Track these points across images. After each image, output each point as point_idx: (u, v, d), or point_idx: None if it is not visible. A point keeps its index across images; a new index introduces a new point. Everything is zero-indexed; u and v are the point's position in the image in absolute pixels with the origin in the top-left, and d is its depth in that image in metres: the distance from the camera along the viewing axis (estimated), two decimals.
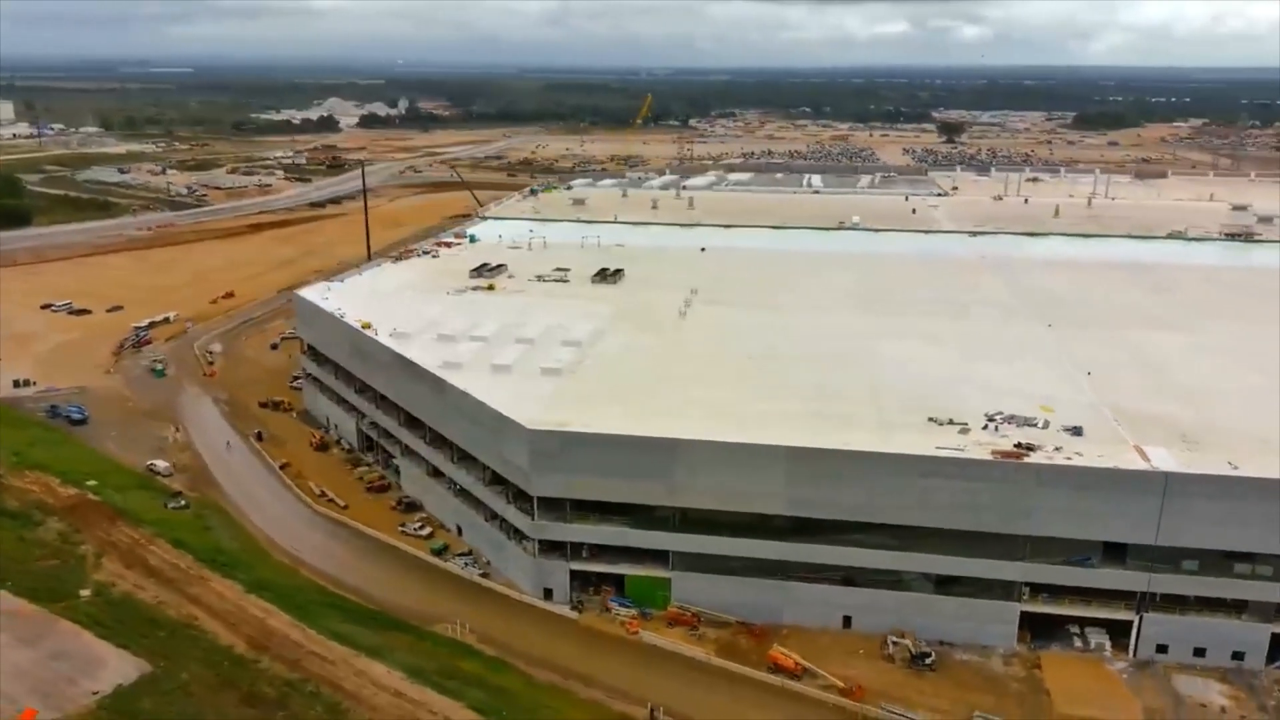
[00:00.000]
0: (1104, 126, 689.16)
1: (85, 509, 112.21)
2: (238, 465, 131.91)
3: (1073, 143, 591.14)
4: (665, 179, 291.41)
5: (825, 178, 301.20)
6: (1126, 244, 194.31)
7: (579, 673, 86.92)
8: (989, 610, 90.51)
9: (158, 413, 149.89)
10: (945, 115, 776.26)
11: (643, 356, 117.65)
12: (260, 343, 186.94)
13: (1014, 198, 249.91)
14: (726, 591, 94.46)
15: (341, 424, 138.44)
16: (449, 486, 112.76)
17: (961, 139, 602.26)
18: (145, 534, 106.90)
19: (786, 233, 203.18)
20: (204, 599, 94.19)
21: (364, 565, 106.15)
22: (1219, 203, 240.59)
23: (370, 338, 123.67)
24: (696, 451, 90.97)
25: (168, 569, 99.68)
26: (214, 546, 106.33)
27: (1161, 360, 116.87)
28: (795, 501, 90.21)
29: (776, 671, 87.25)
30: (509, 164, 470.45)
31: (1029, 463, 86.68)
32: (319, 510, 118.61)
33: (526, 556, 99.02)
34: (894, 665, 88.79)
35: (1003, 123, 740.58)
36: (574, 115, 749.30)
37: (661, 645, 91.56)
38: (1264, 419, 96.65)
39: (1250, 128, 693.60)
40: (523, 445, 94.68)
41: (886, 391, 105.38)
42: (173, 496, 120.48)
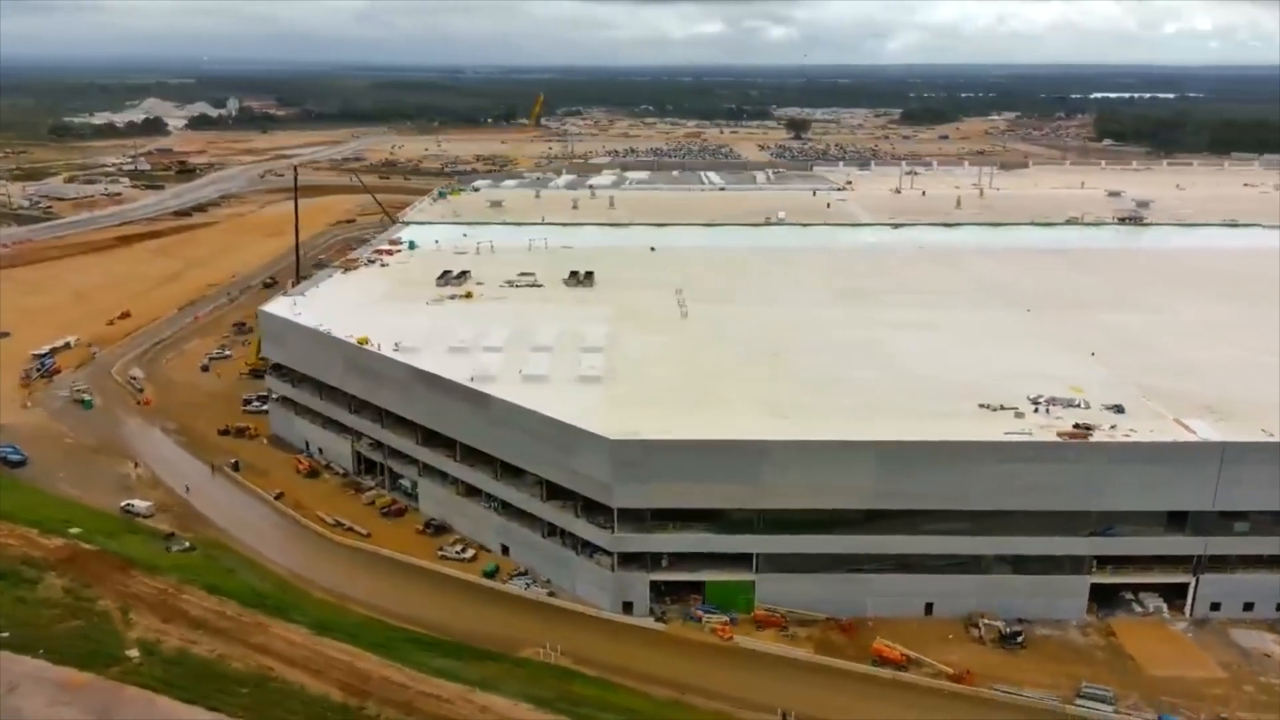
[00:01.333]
0: (928, 121, 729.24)
1: (85, 560, 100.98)
2: (225, 499, 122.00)
3: (907, 137, 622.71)
4: (566, 178, 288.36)
5: (722, 175, 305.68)
6: (1038, 231, 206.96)
7: (692, 685, 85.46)
8: (1062, 585, 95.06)
9: (105, 448, 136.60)
10: (785, 112, 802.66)
11: (669, 358, 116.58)
12: (185, 365, 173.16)
13: (910, 190, 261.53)
14: (810, 589, 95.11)
15: (329, 447, 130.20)
16: (489, 505, 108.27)
17: (808, 135, 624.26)
18: (169, 582, 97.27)
19: (722, 230, 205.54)
20: (272, 647, 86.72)
21: (415, 595, 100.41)
22: (1092, 190, 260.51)
23: (377, 354, 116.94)
24: (785, 452, 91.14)
25: (213, 618, 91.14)
26: (250, 589, 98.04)
27: (1146, 339, 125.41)
28: (882, 494, 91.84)
29: (882, 664, 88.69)
30: (373, 166, 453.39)
31: (1102, 441, 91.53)
32: (341, 541, 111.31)
33: (602, 570, 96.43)
34: (985, 646, 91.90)
35: (837, 119, 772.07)
36: (418, 114, 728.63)
37: (759, 649, 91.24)
38: (1265, 389, 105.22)
39: (1058, 119, 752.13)
40: (603, 456, 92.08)
41: (922, 381, 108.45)
42: (167, 538, 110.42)
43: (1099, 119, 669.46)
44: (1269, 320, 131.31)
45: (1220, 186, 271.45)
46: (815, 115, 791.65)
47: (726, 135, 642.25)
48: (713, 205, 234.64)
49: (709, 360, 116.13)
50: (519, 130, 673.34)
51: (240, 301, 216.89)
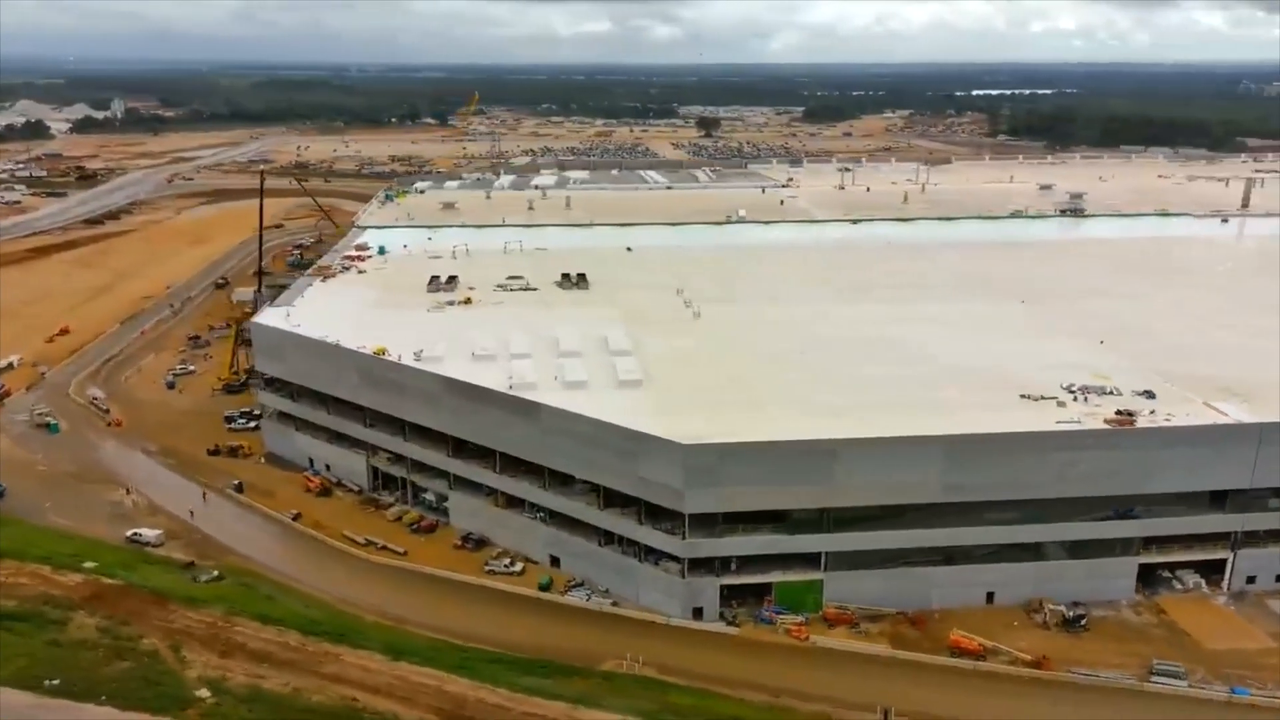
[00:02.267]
0: (828, 119, 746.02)
1: (113, 596, 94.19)
2: (236, 524, 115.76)
3: (813, 135, 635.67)
4: (508, 179, 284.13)
5: (662, 173, 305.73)
6: (989, 224, 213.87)
7: (782, 688, 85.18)
8: (1113, 567, 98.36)
9: (86, 475, 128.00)
10: (690, 110, 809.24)
11: (699, 360, 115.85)
12: (146, 382, 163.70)
13: (853, 187, 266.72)
14: (877, 584, 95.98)
15: (339, 463, 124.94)
16: (534, 515, 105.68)
17: (718, 133, 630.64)
18: (214, 614, 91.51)
19: (694, 229, 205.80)
20: (349, 676, 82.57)
21: (473, 612, 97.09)
22: (1022, 184, 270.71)
23: (403, 366, 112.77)
24: (856, 450, 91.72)
25: (277, 650, 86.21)
26: (302, 617, 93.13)
27: (1140, 326, 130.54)
28: (948, 487, 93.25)
29: (960, 654, 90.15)
30: (284, 168, 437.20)
31: (1152, 427, 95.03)
32: (378, 561, 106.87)
33: (670, 577, 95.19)
34: (1049, 631, 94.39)
35: (741, 118, 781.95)
36: (315, 114, 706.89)
37: (837, 647, 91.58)
38: (1269, 370, 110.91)
39: (949, 116, 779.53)
40: (675, 462, 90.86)
41: (954, 374, 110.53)
42: (186, 568, 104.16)
43: (992, 116, 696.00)
44: (1245, 304, 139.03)
45: (1137, 179, 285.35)
46: (719, 113, 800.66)
47: (636, 134, 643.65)
48: (669, 204, 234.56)
49: (739, 361, 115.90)
50: (425, 130, 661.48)
51: (185, 314, 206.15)
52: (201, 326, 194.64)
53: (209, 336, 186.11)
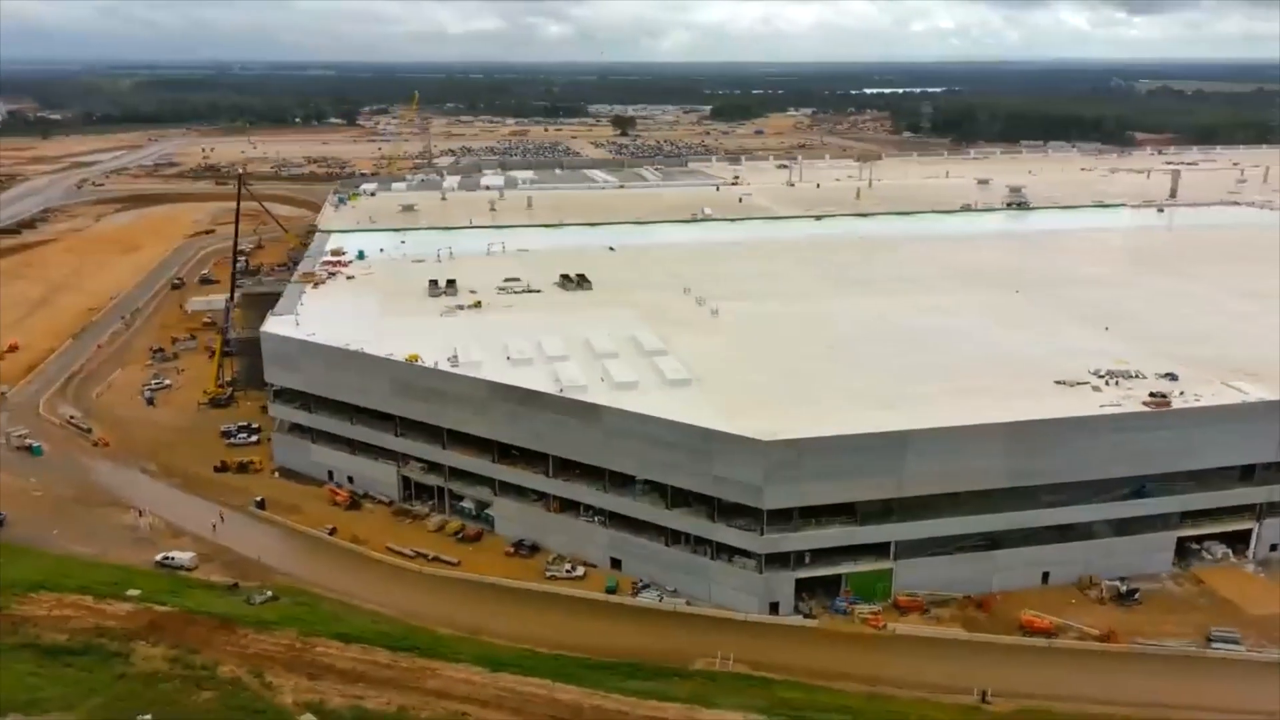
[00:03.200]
0: (737, 117, 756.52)
1: (172, 624, 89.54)
2: (268, 541, 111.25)
3: (726, 133, 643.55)
4: (455, 179, 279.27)
5: (607, 172, 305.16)
6: (945, 218, 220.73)
7: (877, 676, 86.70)
8: (1155, 542, 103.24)
9: (88, 498, 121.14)
10: (597, 109, 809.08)
11: (736, 358, 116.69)
12: (121, 399, 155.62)
13: (802, 184, 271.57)
14: (942, 570, 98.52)
15: (363, 474, 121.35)
16: (592, 518, 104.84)
17: (634, 132, 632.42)
18: (288, 636, 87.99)
19: (667, 227, 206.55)
20: (454, 691, 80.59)
21: (545, 619, 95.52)
22: (959, 178, 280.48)
23: (445, 372, 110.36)
24: (926, 440, 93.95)
25: (369, 668, 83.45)
26: (380, 634, 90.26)
27: (1134, 312, 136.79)
28: (1011, 472, 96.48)
29: (1032, 633, 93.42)
30: (195, 171, 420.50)
31: (1191, 407, 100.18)
32: (432, 573, 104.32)
33: (747, 573, 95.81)
34: (1104, 606, 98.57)
35: (651, 116, 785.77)
36: (212, 115, 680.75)
37: (915, 633, 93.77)
38: (1267, 349, 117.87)
39: (851, 113, 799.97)
40: (756, 459, 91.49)
41: (985, 363, 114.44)
42: (231, 590, 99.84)
43: (895, 113, 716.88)
44: (1222, 289, 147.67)
45: (1063, 172, 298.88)
46: (628, 112, 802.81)
47: (551, 133, 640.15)
48: (631, 203, 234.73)
49: (775, 358, 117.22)
50: (333, 130, 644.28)
51: (139, 326, 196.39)
52: (161, 338, 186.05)
53: (175, 349, 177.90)
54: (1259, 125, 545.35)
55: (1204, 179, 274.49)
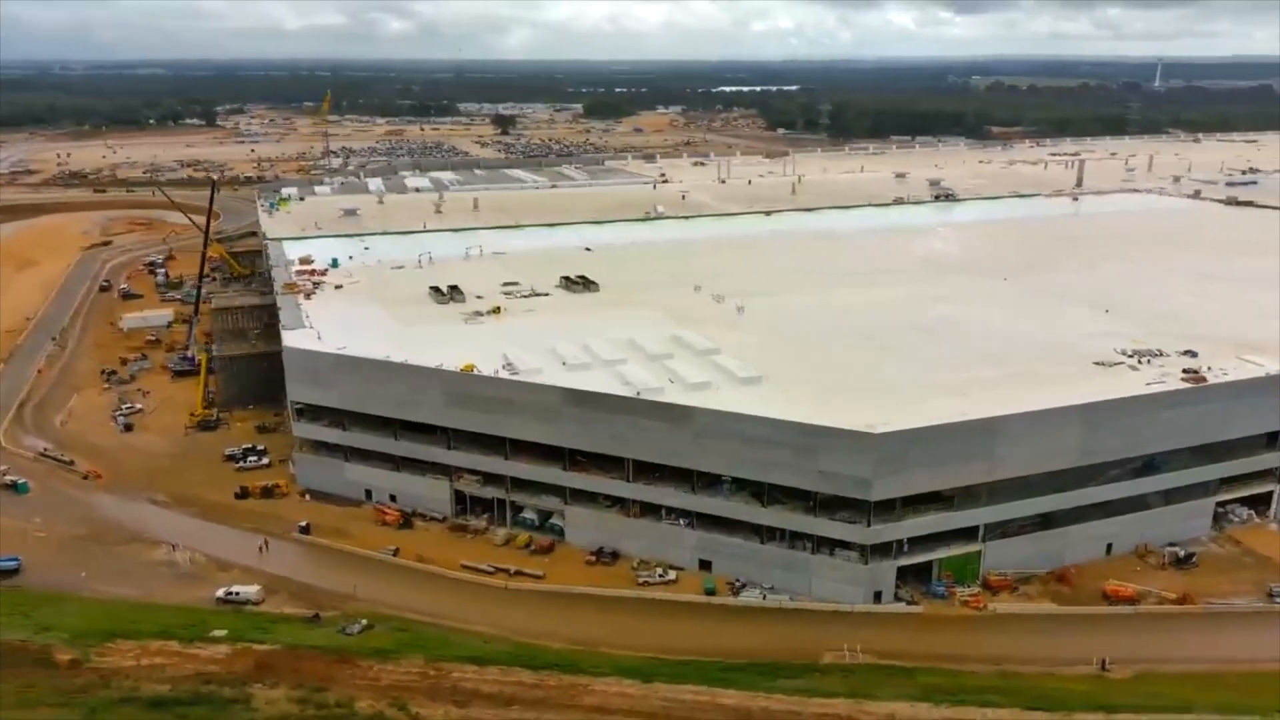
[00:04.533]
0: (609, 115, 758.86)
1: (282, 662, 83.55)
2: (328, 569, 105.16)
3: (606, 131, 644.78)
4: (377, 182, 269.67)
5: (529, 172, 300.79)
6: (885, 211, 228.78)
7: (1000, 655, 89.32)
8: (1197, 509, 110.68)
9: (103, 536, 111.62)
10: (468, 107, 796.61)
11: (789, 352, 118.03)
12: (91, 427, 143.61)
13: (733, 180, 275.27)
14: (1023, 549, 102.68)
15: (408, 491, 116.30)
16: (677, 521, 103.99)
17: (516, 130, 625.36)
18: (417, 665, 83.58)
19: (628, 225, 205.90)
20: (613, 706, 78.54)
21: (656, 626, 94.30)
22: (873, 172, 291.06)
23: (512, 381, 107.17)
24: (1013, 425, 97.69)
25: (516, 690, 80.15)
26: (510, 654, 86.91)
27: (1117, 293, 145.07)
28: (1085, 451, 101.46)
29: (1116, 601, 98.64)
30: (60, 178, 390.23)
31: (1230, 381, 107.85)
32: (519, 587, 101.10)
33: (851, 565, 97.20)
34: (1166, 572, 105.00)
35: (524, 115, 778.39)
36: (52, 117, 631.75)
37: (1014, 611, 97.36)
38: (1257, 325, 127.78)
39: (719, 111, 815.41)
40: (865, 452, 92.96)
41: (1020, 347, 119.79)
42: (311, 621, 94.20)
43: (765, 111, 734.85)
44: (1174, 270, 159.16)
45: (965, 165, 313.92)
46: (498, 110, 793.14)
47: (428, 132, 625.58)
48: (580, 202, 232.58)
49: (823, 351, 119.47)
50: (193, 131, 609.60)
51: (75, 348, 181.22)
52: (107, 359, 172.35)
53: (129, 370, 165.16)
54: (1104, 119, 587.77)
55: (1094, 168, 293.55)
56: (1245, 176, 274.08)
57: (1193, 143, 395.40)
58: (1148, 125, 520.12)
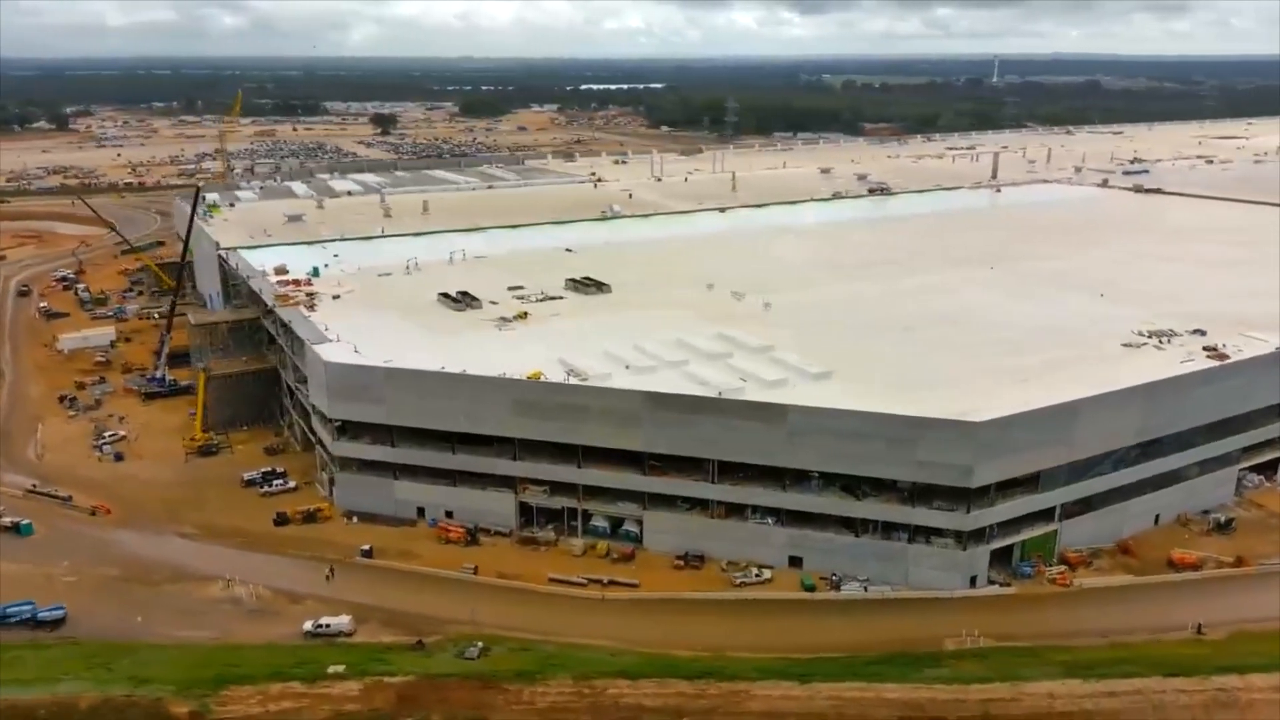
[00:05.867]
0: (487, 114, 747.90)
1: (423, 693, 79.34)
2: (408, 593, 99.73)
3: (490, 130, 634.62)
4: (298, 185, 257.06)
5: (451, 171, 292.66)
6: (829, 205, 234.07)
7: (1103, 628, 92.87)
8: (1225, 476, 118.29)
9: (143, 575, 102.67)
10: (335, 106, 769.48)
11: (840, 347, 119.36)
12: (71, 458, 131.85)
13: (669, 179, 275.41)
14: (1089, 525, 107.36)
15: (466, 506, 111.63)
16: (764, 520, 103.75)
17: (396, 129, 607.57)
18: (563, 683, 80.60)
19: (585, 225, 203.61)
20: (784, 709, 78.05)
21: (770, 625, 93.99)
22: (801, 168, 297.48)
23: (588, 387, 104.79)
24: (1090, 408, 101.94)
25: (679, 701, 78.63)
26: (652, 665, 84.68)
27: (1100, 277, 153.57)
28: (1143, 429, 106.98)
29: (1181, 568, 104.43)
30: None
31: (1255, 356, 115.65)
32: (617, 597, 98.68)
33: (949, 552, 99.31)
34: (1210, 537, 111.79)
35: (400, 114, 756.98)
36: None
37: (1098, 585, 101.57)
38: (1245, 305, 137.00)
39: (594, 109, 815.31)
40: (967, 440, 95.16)
41: (1046, 333, 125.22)
42: (416, 648, 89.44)
43: (647, 107, 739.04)
44: (1136, 254, 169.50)
45: (876, 160, 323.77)
46: (368, 109, 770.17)
47: (302, 132, 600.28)
48: (532, 203, 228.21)
49: (867, 344, 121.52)
50: (40, 135, 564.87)
51: (15, 375, 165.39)
52: (56, 384, 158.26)
53: (93, 395, 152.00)
54: (968, 114, 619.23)
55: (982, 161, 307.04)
56: (1137, 166, 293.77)
57: (1066, 135, 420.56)
58: (1010, 120, 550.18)
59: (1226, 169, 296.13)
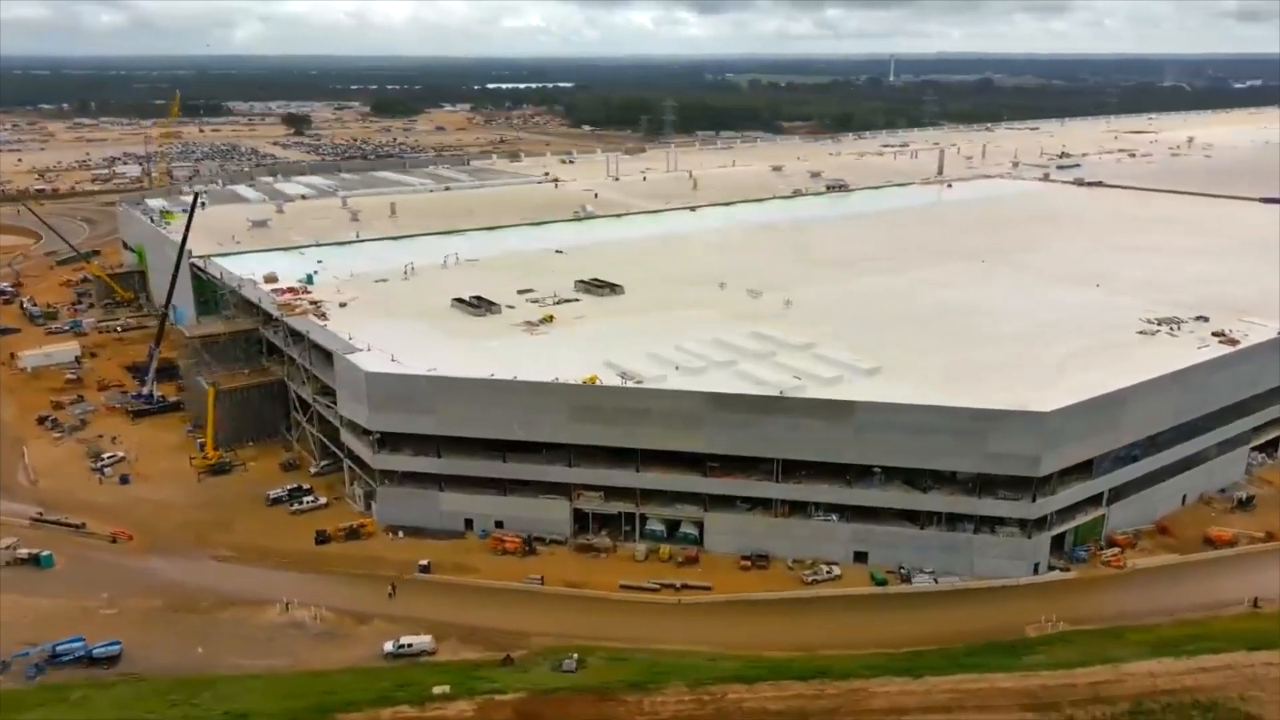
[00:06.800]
0: (399, 113, 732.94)
1: (546, 709, 77.05)
2: (474, 608, 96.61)
3: (407, 130, 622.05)
4: (248, 189, 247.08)
5: (398, 172, 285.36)
6: (792, 202, 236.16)
7: (1171, 607, 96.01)
8: (1238, 455, 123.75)
9: (189, 604, 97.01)
10: (236, 105, 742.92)
11: (870, 340, 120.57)
12: (71, 482, 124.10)
13: (627, 177, 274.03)
14: (1129, 508, 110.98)
15: (517, 515, 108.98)
16: (829, 516, 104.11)
17: (313, 130, 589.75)
18: (677, 692, 79.22)
19: (560, 226, 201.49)
20: (906, 705, 78.16)
21: (853, 622, 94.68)
22: (746, 166, 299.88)
23: (650, 390, 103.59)
24: (1139, 394, 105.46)
25: (805, 704, 77.90)
26: (759, 668, 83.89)
27: (1095, 271, 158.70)
28: (1180, 411, 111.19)
29: (1218, 545, 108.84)
30: None
31: (1265, 341, 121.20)
32: (694, 601, 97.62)
33: (1014, 540, 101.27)
34: (1233, 514, 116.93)
35: (307, 114, 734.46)
36: None
37: (1148, 565, 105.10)
38: (1235, 289, 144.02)
39: (509, 108, 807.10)
40: (1034, 430, 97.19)
41: (1062, 323, 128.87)
42: (504, 662, 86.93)
43: (567, 107, 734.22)
44: (1117, 246, 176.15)
45: (820, 158, 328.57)
46: (272, 109, 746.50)
47: (209, 134, 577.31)
48: (499, 204, 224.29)
49: (899, 338, 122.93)
50: None
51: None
52: (27, 404, 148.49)
53: (76, 415, 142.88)
54: (882, 112, 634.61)
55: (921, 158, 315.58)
56: (1068, 161, 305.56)
57: (986, 132, 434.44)
58: (930, 118, 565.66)
59: (1150, 162, 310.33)
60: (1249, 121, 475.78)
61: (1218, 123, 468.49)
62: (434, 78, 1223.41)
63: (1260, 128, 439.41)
